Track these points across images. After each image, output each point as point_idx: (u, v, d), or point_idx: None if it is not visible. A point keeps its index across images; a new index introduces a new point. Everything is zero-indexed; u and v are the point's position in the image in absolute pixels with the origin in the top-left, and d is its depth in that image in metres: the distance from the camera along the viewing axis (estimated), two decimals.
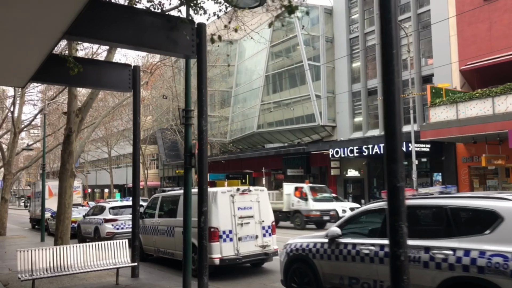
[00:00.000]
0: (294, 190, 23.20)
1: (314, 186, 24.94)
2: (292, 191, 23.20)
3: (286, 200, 23.24)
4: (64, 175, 10.19)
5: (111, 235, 15.71)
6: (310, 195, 22.71)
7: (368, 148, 28.58)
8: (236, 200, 9.99)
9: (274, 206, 22.44)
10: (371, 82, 33.25)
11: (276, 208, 22.35)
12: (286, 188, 23.71)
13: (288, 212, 23.16)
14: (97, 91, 10.77)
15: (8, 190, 21.26)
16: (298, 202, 22.76)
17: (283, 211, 23.19)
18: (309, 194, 22.76)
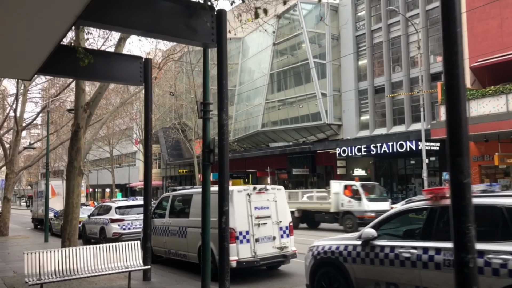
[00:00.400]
0: (344, 189, 21.04)
1: (367, 184, 22.64)
2: (341, 190, 21.01)
3: (334, 199, 20.88)
4: (72, 173, 9.71)
5: (118, 236, 15.24)
6: (363, 194, 20.40)
7: (376, 147, 28.09)
8: (252, 199, 9.51)
9: (319, 207, 21.66)
10: (378, 80, 32.76)
11: (322, 209, 21.39)
12: (333, 186, 21.33)
13: (336, 213, 20.84)
14: (106, 85, 10.28)
15: (11, 189, 20.79)
16: (349, 202, 20.47)
17: (330, 212, 20.94)
18: (362, 193, 20.43)
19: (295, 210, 21.71)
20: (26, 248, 15.76)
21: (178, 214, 11.30)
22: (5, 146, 21.88)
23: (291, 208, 21.62)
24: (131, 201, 16.62)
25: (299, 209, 22.41)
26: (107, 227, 15.41)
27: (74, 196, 9.70)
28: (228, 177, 6.85)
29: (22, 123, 20.88)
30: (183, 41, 6.52)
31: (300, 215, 22.45)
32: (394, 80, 31.66)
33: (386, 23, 32.01)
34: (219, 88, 6.77)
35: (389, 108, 31.75)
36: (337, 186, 21.27)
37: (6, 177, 20.86)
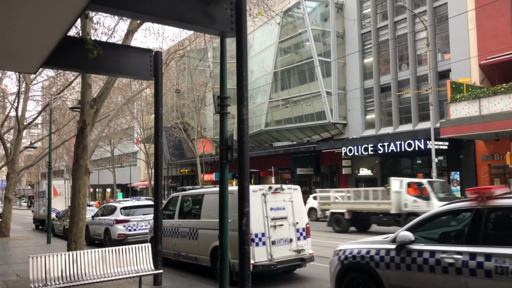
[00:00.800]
0: (407, 187, 18.46)
1: (434, 181, 19.85)
2: (404, 188, 18.41)
3: (396, 199, 18.39)
4: (78, 172, 9.24)
5: (123, 237, 14.78)
6: (432, 193, 17.77)
7: (383, 146, 27.61)
8: (268, 199, 9.04)
9: (376, 208, 19.17)
10: (384, 78, 32.30)
11: (380, 210, 19.03)
12: (394, 184, 18.68)
13: (397, 214, 18.30)
14: (113, 80, 9.81)
15: (12, 189, 20.31)
16: (414, 202, 17.87)
17: (390, 214, 18.51)
18: (430, 191, 17.79)
19: (345, 211, 20.32)
20: (28, 250, 15.31)
21: (188, 215, 10.83)
22: (6, 145, 21.40)
23: (340, 209, 20.64)
24: (136, 202, 16.13)
25: (350, 211, 20.29)
26: (112, 228, 14.93)
27: (81, 196, 9.24)
28: (249, 176, 6.37)
29: (23, 122, 20.40)
30: (200, 29, 6.07)
31: (351, 217, 20.27)
32: (401, 78, 31.19)
33: (392, 21, 31.54)
34: (239, 81, 6.31)
35: (395, 106, 31.28)
36: (398, 184, 18.72)
37: (7, 176, 20.37)
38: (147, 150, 52.14)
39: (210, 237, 9.50)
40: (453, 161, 27.14)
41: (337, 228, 20.52)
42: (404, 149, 26.36)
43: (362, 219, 20.25)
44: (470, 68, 26.23)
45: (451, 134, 23.46)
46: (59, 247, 16.18)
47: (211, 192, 10.16)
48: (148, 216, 15.23)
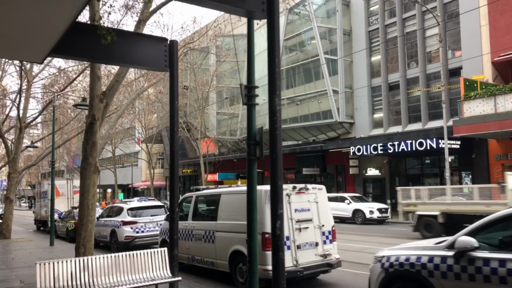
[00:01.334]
0: None
1: None
2: None
3: None
4: (87, 171, 8.58)
5: (131, 239, 14.12)
6: None
7: (393, 145, 26.93)
8: (292, 200, 8.39)
9: (484, 209, 15.28)
10: (392, 76, 31.65)
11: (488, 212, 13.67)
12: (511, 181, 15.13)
13: None
14: (124, 72, 9.15)
15: (13, 189, 19.64)
16: None
17: None
18: None
19: (438, 214, 16.85)
20: (31, 253, 14.64)
21: (203, 217, 10.17)
22: (7, 144, 20.73)
23: (432, 211, 17.13)
24: (143, 202, 15.44)
25: (444, 213, 16.89)
26: (119, 230, 14.26)
27: (90, 197, 8.58)
28: (282, 174, 5.72)
29: (25, 120, 19.73)
30: (226, 7, 5.39)
31: (445, 220, 16.86)
32: (410, 76, 30.54)
33: (401, 18, 30.90)
34: (271, 68, 5.65)
35: (404, 105, 30.62)
36: None
37: (8, 176, 19.70)
38: (150, 150, 51.57)
39: (228, 240, 8.85)
40: (465, 160, 26.49)
41: (427, 234, 16.75)
42: (415, 148, 25.70)
43: (459, 223, 15.75)
44: (483, 65, 25.59)
45: (465, 133, 22.81)
46: (63, 250, 15.53)
47: (229, 192, 9.52)
48: (156, 218, 14.59)
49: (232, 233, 8.77)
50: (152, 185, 52.03)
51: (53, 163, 17.57)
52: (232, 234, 8.76)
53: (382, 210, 23.81)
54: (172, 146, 8.18)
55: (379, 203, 26.57)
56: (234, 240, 8.66)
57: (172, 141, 8.19)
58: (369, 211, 23.07)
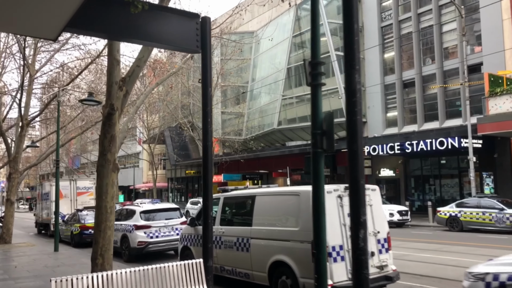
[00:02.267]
0: None
1: None
2: None
3: None
4: (105, 169, 7.41)
5: (144, 245, 12.92)
6: None
7: (411, 144, 25.75)
8: (344, 203, 7.21)
9: None
10: (407, 74, 30.53)
11: None
12: None
13: None
14: (145, 55, 7.97)
15: (15, 190, 18.42)
16: None
17: None
18: None
19: None
20: (34, 260, 13.44)
21: (234, 221, 8.98)
22: (8, 142, 19.51)
23: None
24: (157, 205, 14.24)
25: None
26: (131, 235, 13.05)
27: (108, 199, 7.39)
28: (363, 169, 4.57)
29: (27, 117, 18.52)
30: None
31: None
32: (426, 73, 29.42)
33: (416, 12, 29.79)
34: (348, 39, 4.49)
35: (420, 103, 29.48)
36: None
37: (9, 176, 18.47)
38: (152, 150, 50.34)
39: (267, 249, 7.67)
40: (486, 160, 25.32)
41: None
42: (435, 147, 24.53)
43: None
44: (505, 60, 24.48)
45: (490, 131, 21.69)
46: (69, 256, 14.33)
47: (265, 193, 8.34)
48: (171, 221, 13.42)
49: (273, 241, 7.59)
50: (154, 187, 50.81)
51: (58, 162, 16.35)
52: (273, 242, 7.58)
53: (402, 212, 22.64)
54: (205, 140, 7.01)
55: (397, 205, 25.39)
56: (275, 248, 7.49)
57: (205, 133, 7.02)
58: (389, 213, 21.89)
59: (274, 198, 7.99)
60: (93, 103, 16.07)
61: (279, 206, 7.75)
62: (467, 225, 18.97)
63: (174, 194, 57.32)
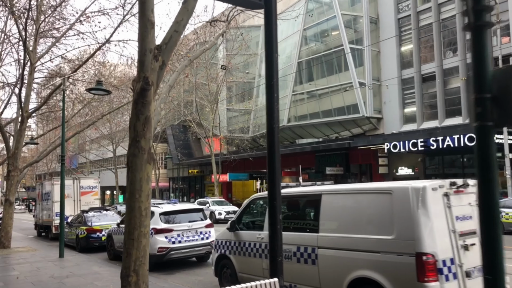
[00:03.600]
0: None
1: None
2: None
3: None
4: (138, 159, 5.76)
5: (165, 252, 11.26)
6: None
7: (436, 140, 24.21)
8: (452, 203, 5.60)
9: None
10: (426, 67, 28.99)
11: None
12: None
13: None
14: (184, 19, 6.34)
15: (14, 190, 16.70)
16: None
17: None
18: None
19: None
20: (38, 268, 11.76)
21: (290, 226, 7.33)
22: (6, 137, 17.77)
23: None
24: (178, 205, 12.53)
25: None
26: (150, 240, 11.36)
27: (143, 198, 5.73)
28: None
29: (27, 109, 16.80)
30: None
31: None
32: (447, 66, 27.89)
33: (436, 3, 28.25)
34: None
35: (441, 98, 27.96)
36: None
37: (7, 175, 16.75)
38: (154, 149, 48.64)
39: (345, 262, 6.05)
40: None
41: None
42: (463, 144, 22.99)
43: None
44: None
45: None
46: (77, 264, 12.65)
47: (336, 191, 6.70)
48: (195, 224, 11.76)
49: (353, 252, 5.96)
50: (157, 186, 49.11)
51: (63, 158, 14.64)
52: (353, 253, 5.95)
53: None
54: (271, 120, 5.39)
55: None
56: (357, 262, 5.87)
57: (271, 113, 5.39)
58: None
59: (350, 197, 6.37)
60: (102, 93, 14.43)
61: (359, 207, 6.14)
62: (509, 227, 17.44)
63: (176, 194, 55.63)
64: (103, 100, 23.06)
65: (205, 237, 11.83)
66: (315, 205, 6.80)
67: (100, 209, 18.49)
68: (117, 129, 52.41)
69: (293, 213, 7.52)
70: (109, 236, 14.03)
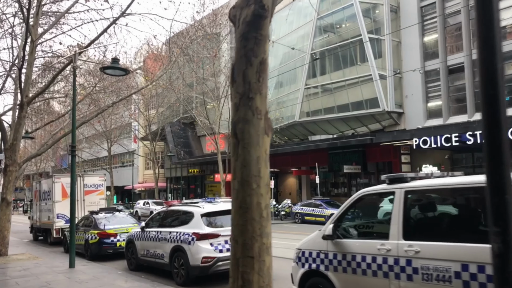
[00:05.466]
0: None
1: None
2: None
3: None
4: (252, 127, 3.48)
5: (211, 263, 8.99)
6: None
7: (474, 135, 22.20)
8: None
9: None
10: (453, 58, 27.06)
11: None
12: None
13: None
14: None
15: (12, 187, 14.28)
16: None
17: None
18: None
19: None
20: (48, 282, 9.44)
21: (439, 234, 5.13)
22: (3, 126, 15.31)
23: None
24: (220, 204, 10.21)
25: None
26: (191, 248, 9.07)
27: (262, 189, 3.48)
28: None
29: (28, 93, 14.40)
30: None
31: None
32: (476, 56, 25.92)
33: None
34: None
35: (470, 90, 26.03)
36: None
37: (4, 170, 14.31)
38: (154, 147, 46.22)
39: None
40: None
41: None
42: None
43: None
44: None
45: None
46: (94, 276, 10.33)
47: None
48: None
49: None
50: (156, 186, 46.72)
51: (74, 148, 12.27)
52: None
53: None
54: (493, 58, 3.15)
55: None
56: None
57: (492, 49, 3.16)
58: None
59: None
60: (119, 72, 12.17)
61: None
62: None
63: (173, 195, 53.21)
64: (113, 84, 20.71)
65: None
66: (479, 204, 4.63)
67: (111, 210, 16.14)
68: (112, 128, 49.96)
69: (446, 216, 5.32)
70: (130, 242, 11.72)
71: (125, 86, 24.79)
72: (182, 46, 20.89)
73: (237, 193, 3.57)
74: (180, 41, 21.79)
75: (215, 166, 44.63)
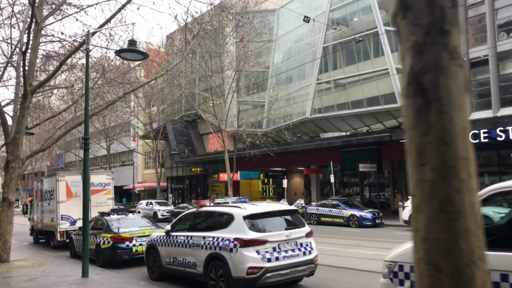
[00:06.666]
0: None
1: None
2: None
3: None
4: (450, 79, 2.13)
5: (258, 274, 7.55)
6: None
7: (505, 131, 20.87)
8: None
9: None
10: (475, 51, 25.75)
11: None
12: None
13: None
14: None
15: (14, 186, 12.80)
16: None
17: None
18: None
19: None
20: None
21: None
22: (5, 118, 13.80)
23: None
24: (264, 205, 8.74)
25: None
26: (234, 257, 7.63)
27: (473, 181, 2.11)
28: None
29: (32, 82, 12.92)
30: None
31: None
32: (501, 49, 24.68)
33: None
34: None
35: (495, 85, 24.71)
36: None
37: (6, 166, 12.82)
38: (156, 145, 44.73)
39: None
40: None
41: None
42: None
43: None
44: None
45: None
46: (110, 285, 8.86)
47: None
48: (294, 232, 8.12)
49: None
50: (158, 186, 45.21)
51: (87, 141, 10.79)
52: None
53: None
54: None
55: None
56: None
57: None
58: None
59: None
60: (136, 56, 10.75)
61: None
62: None
63: (174, 195, 51.69)
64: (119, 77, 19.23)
65: (307, 251, 8.19)
66: None
67: (124, 211, 14.68)
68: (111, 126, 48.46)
69: None
70: (152, 248, 10.26)
71: (134, 78, 23.26)
72: (199, 31, 19.47)
73: (433, 188, 2.14)
74: (195, 28, 20.43)
75: (218, 165, 43.19)
